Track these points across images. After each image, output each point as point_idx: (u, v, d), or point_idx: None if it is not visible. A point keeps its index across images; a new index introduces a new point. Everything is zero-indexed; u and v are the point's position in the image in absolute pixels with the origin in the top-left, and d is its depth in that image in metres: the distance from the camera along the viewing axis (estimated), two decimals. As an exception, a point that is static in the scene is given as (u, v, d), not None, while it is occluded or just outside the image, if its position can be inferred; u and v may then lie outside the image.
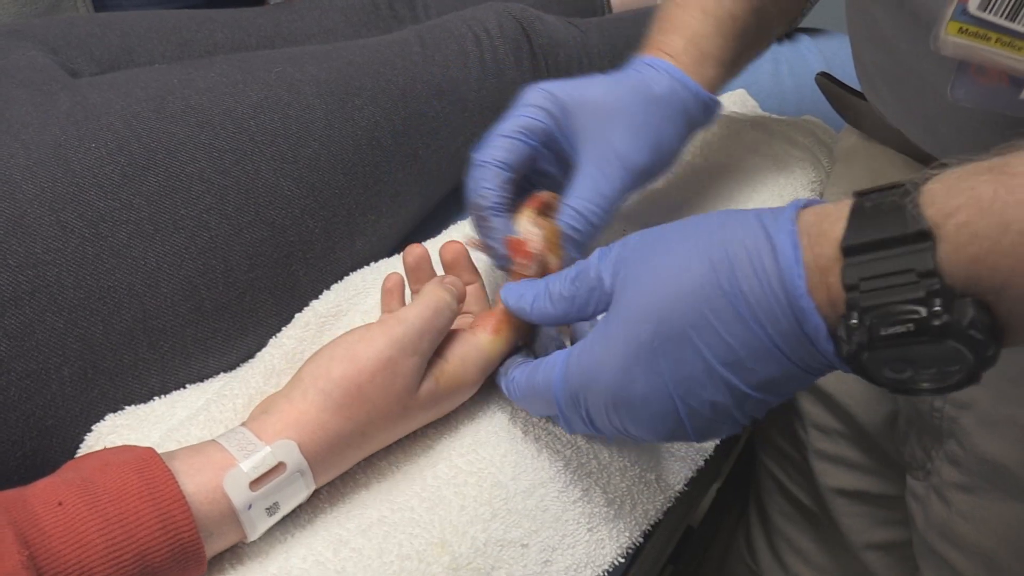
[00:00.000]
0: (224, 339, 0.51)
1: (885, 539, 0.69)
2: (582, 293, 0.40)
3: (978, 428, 0.52)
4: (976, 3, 0.37)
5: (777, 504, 0.79)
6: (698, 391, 0.35)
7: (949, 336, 0.29)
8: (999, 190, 0.28)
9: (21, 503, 0.33)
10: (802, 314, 0.32)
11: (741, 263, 0.33)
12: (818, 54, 0.95)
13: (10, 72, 0.54)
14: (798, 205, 0.34)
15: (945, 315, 0.29)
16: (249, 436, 0.38)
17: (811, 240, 0.32)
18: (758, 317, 0.33)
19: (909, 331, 0.29)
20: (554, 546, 0.44)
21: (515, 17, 0.72)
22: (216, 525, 0.36)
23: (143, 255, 0.48)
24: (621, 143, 0.50)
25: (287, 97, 0.55)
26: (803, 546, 0.77)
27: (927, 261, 0.29)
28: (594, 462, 0.46)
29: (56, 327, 0.45)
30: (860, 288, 0.30)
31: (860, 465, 0.68)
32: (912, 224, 0.29)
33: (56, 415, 0.45)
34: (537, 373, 0.41)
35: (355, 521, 0.41)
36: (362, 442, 0.41)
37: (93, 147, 0.48)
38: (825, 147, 0.74)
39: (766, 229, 0.33)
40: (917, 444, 0.58)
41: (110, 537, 0.32)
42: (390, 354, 0.40)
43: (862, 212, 0.32)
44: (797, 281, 0.32)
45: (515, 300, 0.44)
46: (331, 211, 0.56)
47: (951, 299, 0.29)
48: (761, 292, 0.33)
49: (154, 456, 0.36)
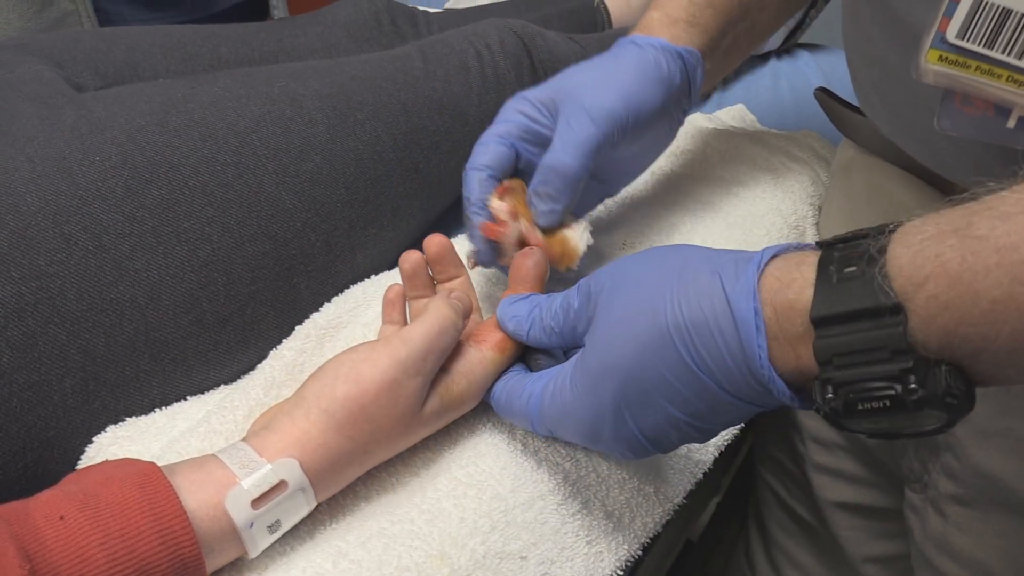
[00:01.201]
0: (225, 351, 0.52)
1: (884, 552, 0.69)
2: (567, 329, 0.41)
3: (974, 440, 0.52)
4: (954, 31, 0.37)
5: (776, 518, 0.79)
6: (665, 434, 0.37)
7: (925, 406, 0.29)
8: (967, 257, 0.28)
9: (23, 516, 0.33)
10: (766, 381, 0.33)
11: (700, 329, 0.33)
12: (817, 69, 0.96)
13: (16, 86, 0.55)
14: (761, 260, 0.34)
15: (921, 390, 0.29)
16: (251, 453, 0.38)
17: (776, 311, 0.32)
18: (719, 380, 0.34)
19: (885, 406, 0.30)
20: (553, 559, 0.44)
21: (516, 33, 0.73)
22: (217, 542, 0.36)
23: (145, 268, 0.48)
24: (586, 97, 0.50)
25: (289, 111, 0.56)
26: (802, 560, 0.76)
27: (899, 338, 0.29)
28: (593, 475, 0.47)
29: (58, 339, 0.45)
30: (833, 364, 0.31)
31: (859, 478, 0.68)
32: (882, 297, 0.29)
33: (57, 426, 0.45)
34: (515, 401, 0.43)
35: (355, 533, 0.41)
36: (364, 459, 0.41)
37: (97, 160, 0.48)
38: (824, 161, 0.75)
39: (726, 293, 0.33)
40: (915, 457, 0.58)
41: (111, 552, 0.32)
42: (394, 375, 0.40)
43: (828, 280, 0.31)
44: (758, 352, 0.32)
45: (513, 326, 0.45)
46: (332, 224, 0.56)
47: (926, 372, 0.29)
48: (721, 359, 0.33)
49: (156, 471, 0.36)
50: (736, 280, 0.33)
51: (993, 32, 0.36)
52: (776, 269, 0.33)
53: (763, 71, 1.03)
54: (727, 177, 0.70)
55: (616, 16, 1.04)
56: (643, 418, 0.36)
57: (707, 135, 0.75)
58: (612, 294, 0.38)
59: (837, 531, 0.70)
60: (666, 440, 0.37)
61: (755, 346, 0.32)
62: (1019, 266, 0.26)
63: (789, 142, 0.75)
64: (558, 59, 0.75)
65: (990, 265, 0.27)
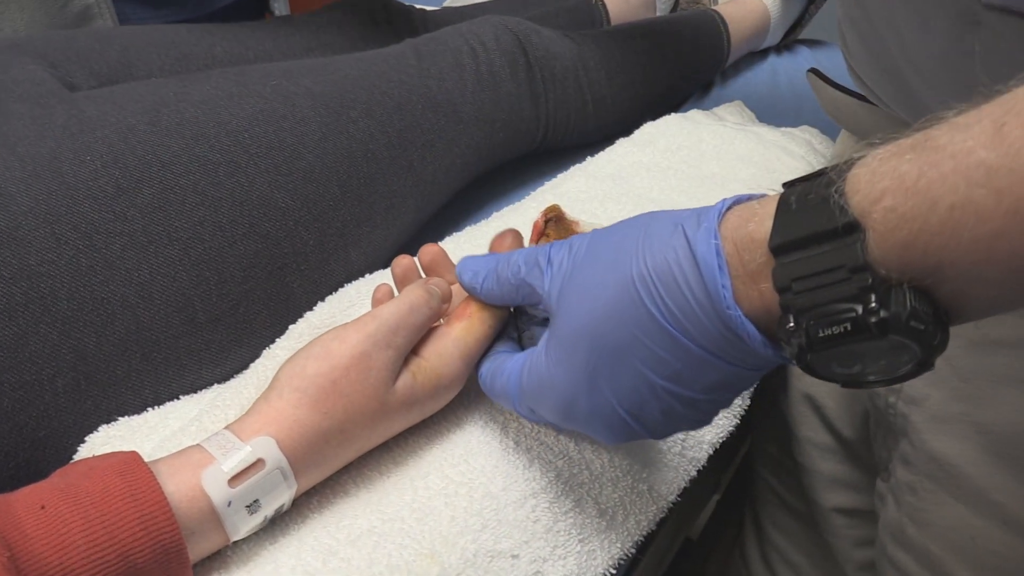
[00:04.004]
0: (218, 350, 0.51)
1: (870, 558, 0.68)
2: (524, 288, 0.40)
3: (928, 425, 0.51)
4: None
5: (771, 515, 0.78)
6: (644, 404, 0.35)
7: (890, 331, 0.28)
8: (923, 167, 0.27)
9: (3, 507, 0.33)
10: (733, 323, 0.31)
11: (664, 278, 0.32)
12: (816, 65, 0.95)
13: (8, 86, 0.55)
14: (723, 207, 0.33)
15: (882, 310, 0.27)
16: (230, 436, 0.38)
17: (737, 246, 0.31)
18: (688, 332, 0.32)
19: (847, 331, 0.28)
20: (545, 557, 0.43)
21: (511, 30, 0.73)
22: (197, 523, 0.36)
23: (137, 267, 0.48)
24: None
25: (282, 110, 0.56)
26: (795, 559, 0.76)
27: (857, 255, 0.28)
28: (586, 473, 0.46)
29: (50, 338, 0.45)
30: (792, 289, 0.29)
31: (853, 484, 0.67)
32: (839, 216, 0.28)
33: (49, 426, 0.45)
34: (497, 380, 0.42)
35: (344, 532, 0.41)
36: (342, 439, 0.41)
37: (88, 160, 0.48)
38: (821, 156, 0.75)
39: (687, 238, 0.32)
40: (883, 445, 0.57)
41: (92, 538, 0.33)
42: (363, 348, 0.40)
43: (787, 208, 0.30)
44: (722, 292, 0.31)
45: (469, 277, 0.43)
46: (325, 223, 0.56)
47: (887, 292, 0.28)
48: (688, 306, 0.32)
49: (136, 459, 0.36)
50: (698, 226, 0.32)
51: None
52: (738, 210, 0.33)
53: (762, 67, 1.03)
54: (722, 173, 0.69)
55: (614, 13, 1.04)
56: (617, 384, 0.35)
57: (703, 130, 0.75)
58: (581, 261, 0.37)
59: (827, 535, 0.69)
60: (647, 413, 0.35)
61: (719, 286, 0.31)
62: (976, 168, 0.25)
63: (785, 138, 0.75)
64: (553, 56, 0.75)
65: (946, 172, 0.26)
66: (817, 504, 0.70)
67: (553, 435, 0.47)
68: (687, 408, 0.35)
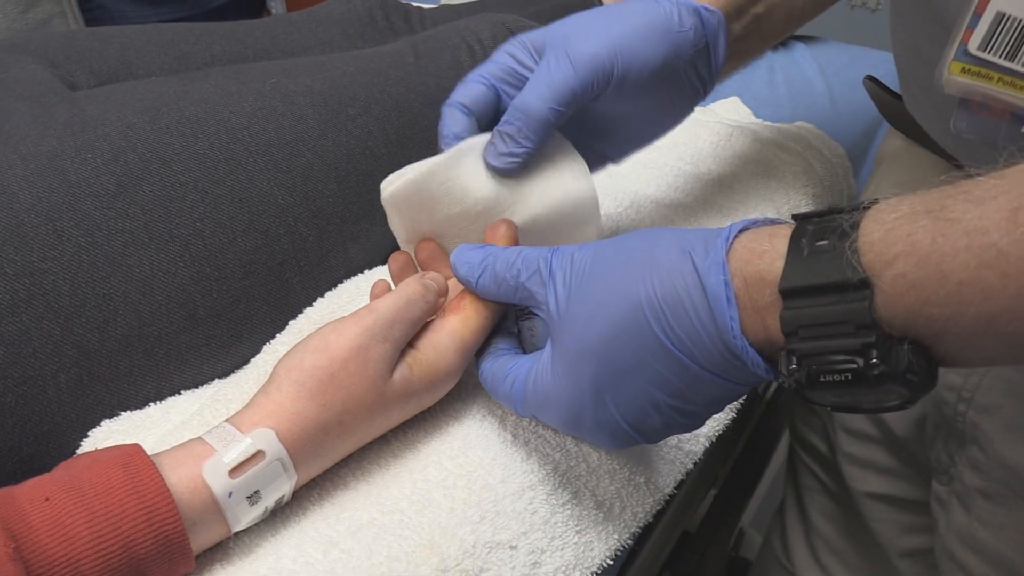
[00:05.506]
0: (219, 346, 0.52)
1: (916, 546, 0.68)
2: (523, 291, 0.41)
3: (1001, 434, 0.51)
4: (976, 43, 0.37)
5: (817, 503, 0.77)
6: (647, 417, 0.37)
7: (886, 382, 0.29)
8: (937, 238, 0.28)
9: (9, 500, 0.34)
10: (739, 351, 0.33)
11: (674, 306, 0.34)
12: (812, 61, 0.95)
13: (10, 85, 0.55)
14: (730, 234, 0.34)
15: (882, 365, 0.29)
16: (230, 429, 0.39)
17: (746, 281, 0.33)
18: (694, 356, 0.34)
19: (847, 380, 0.30)
20: (543, 548, 0.44)
21: (509, 28, 0.73)
22: (199, 514, 0.37)
23: (138, 263, 0.48)
24: (573, 41, 0.47)
25: (281, 107, 0.56)
26: (841, 547, 0.75)
27: (865, 313, 0.29)
28: (583, 465, 0.47)
29: (52, 334, 0.45)
30: (799, 335, 0.31)
31: (889, 469, 0.67)
32: (850, 272, 0.29)
33: (52, 421, 0.46)
34: (500, 385, 0.43)
35: (345, 523, 0.41)
36: (341, 431, 0.41)
37: (89, 158, 0.49)
38: (818, 152, 0.75)
39: (696, 269, 0.34)
40: (943, 449, 0.58)
41: (96, 530, 0.33)
42: (360, 341, 0.41)
43: (799, 253, 0.32)
44: (730, 323, 0.33)
45: (465, 270, 0.44)
46: (325, 219, 0.56)
47: (888, 348, 0.29)
48: (695, 334, 0.34)
49: (139, 451, 0.37)
50: (706, 256, 0.34)
51: (1015, 45, 0.37)
52: (747, 241, 0.34)
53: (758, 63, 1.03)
54: (719, 170, 0.70)
55: (611, 10, 1.04)
56: (623, 401, 0.37)
57: (699, 127, 0.75)
58: (585, 278, 0.38)
59: (870, 522, 0.69)
60: (649, 425, 0.37)
61: (727, 318, 0.33)
62: (987, 250, 0.27)
63: (782, 134, 0.75)
64: (551, 53, 0.75)
65: (959, 248, 0.27)
66: (851, 490, 0.70)
67: (551, 429, 0.47)
68: (686, 418, 0.37)
